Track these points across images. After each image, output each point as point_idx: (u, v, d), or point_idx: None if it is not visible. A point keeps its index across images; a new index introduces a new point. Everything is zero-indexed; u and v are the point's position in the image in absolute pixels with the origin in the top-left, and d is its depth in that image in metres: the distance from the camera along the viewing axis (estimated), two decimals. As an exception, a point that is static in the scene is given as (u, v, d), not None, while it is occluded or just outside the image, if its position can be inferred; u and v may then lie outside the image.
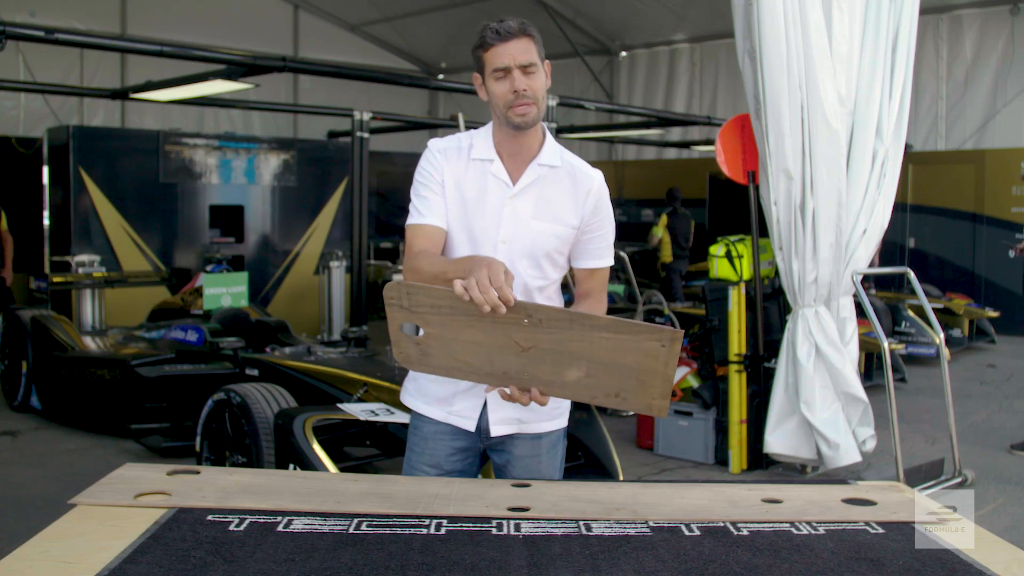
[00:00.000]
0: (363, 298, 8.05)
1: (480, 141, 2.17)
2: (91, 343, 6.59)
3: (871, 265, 5.53)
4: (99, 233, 8.93)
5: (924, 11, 5.95)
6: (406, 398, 2.30)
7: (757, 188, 5.40)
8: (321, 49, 15.67)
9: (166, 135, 9.48)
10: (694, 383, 5.71)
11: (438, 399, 2.21)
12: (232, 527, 1.58)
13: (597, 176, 2.20)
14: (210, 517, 1.62)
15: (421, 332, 1.86)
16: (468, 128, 6.82)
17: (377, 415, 4.06)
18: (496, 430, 2.20)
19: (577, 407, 2.40)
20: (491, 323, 1.77)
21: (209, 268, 8.28)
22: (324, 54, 15.33)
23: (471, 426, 2.20)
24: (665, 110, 13.60)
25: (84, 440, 5.91)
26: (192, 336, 6.13)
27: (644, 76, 15.59)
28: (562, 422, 2.29)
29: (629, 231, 14.54)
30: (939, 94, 12.15)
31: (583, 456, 4.22)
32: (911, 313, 8.72)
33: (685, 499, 1.81)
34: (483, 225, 2.12)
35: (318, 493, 1.77)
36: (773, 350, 5.44)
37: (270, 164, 10.15)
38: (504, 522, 1.65)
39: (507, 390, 1.87)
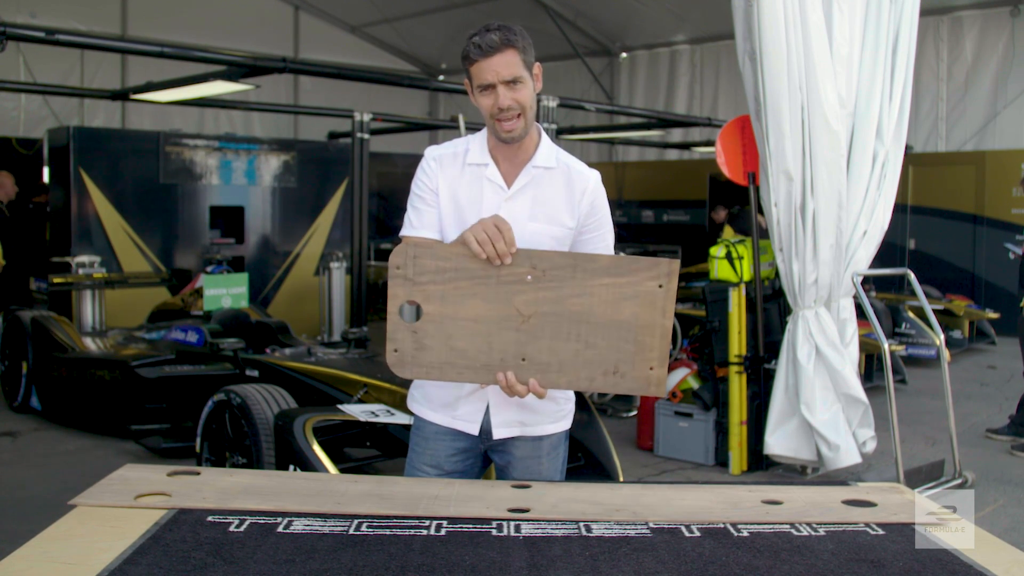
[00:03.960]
0: (363, 299, 8.05)
1: (476, 146, 2.18)
2: (91, 344, 6.58)
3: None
4: (99, 234, 8.94)
5: (924, 13, 5.95)
6: (412, 404, 2.32)
7: (757, 189, 5.40)
8: (321, 50, 15.68)
9: (166, 136, 9.48)
10: (694, 384, 5.71)
11: (442, 404, 2.22)
12: (232, 528, 1.58)
13: (593, 176, 2.20)
14: (210, 518, 1.62)
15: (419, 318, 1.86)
16: (468, 129, 6.84)
17: (377, 416, 4.06)
18: (498, 432, 2.20)
19: (578, 408, 2.40)
20: (495, 284, 1.78)
21: (209, 269, 8.27)
22: (324, 55, 15.33)
23: (475, 430, 2.21)
24: (666, 111, 13.60)
25: (84, 441, 5.91)
26: (192, 337, 6.12)
27: (644, 77, 15.59)
28: (564, 425, 2.29)
29: (630, 232, 14.54)
30: (939, 95, 12.15)
31: (583, 457, 4.21)
32: (911, 314, 8.72)
33: (685, 500, 1.81)
34: None
35: (318, 494, 1.77)
36: (773, 351, 5.43)
37: (270, 165, 10.15)
38: (504, 523, 1.65)
39: (503, 378, 1.88)
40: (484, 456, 2.28)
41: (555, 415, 2.26)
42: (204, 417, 4.60)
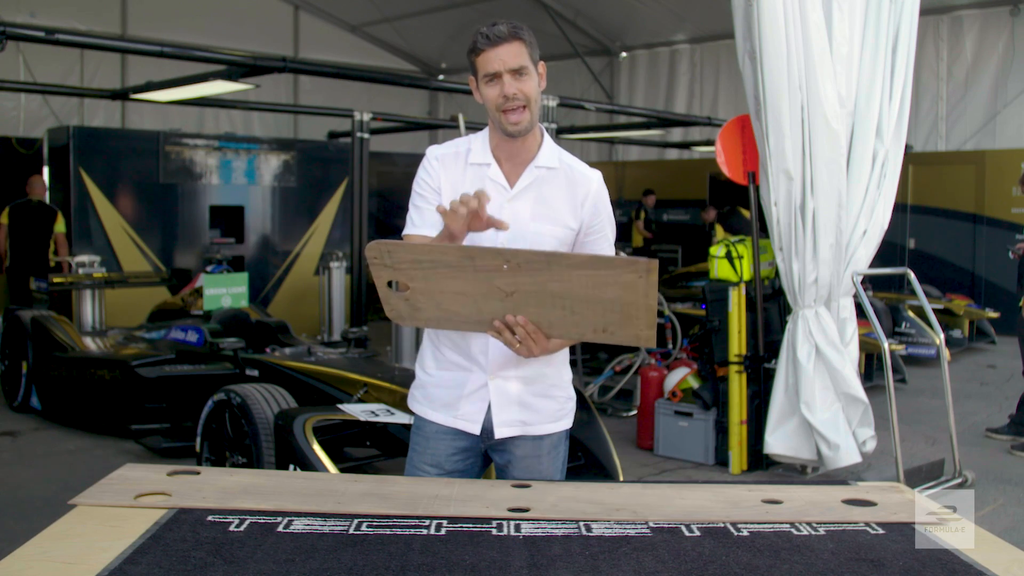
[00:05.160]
0: (363, 299, 8.06)
1: (478, 145, 2.18)
2: (91, 343, 6.58)
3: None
4: (99, 233, 8.94)
5: (924, 12, 5.95)
6: (413, 404, 2.31)
7: (757, 189, 5.40)
8: (321, 50, 15.68)
9: (166, 136, 9.49)
10: (694, 384, 5.71)
11: (444, 404, 2.22)
12: (232, 528, 1.58)
13: (595, 177, 2.20)
14: (210, 518, 1.62)
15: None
16: (468, 129, 6.84)
17: (377, 416, 4.06)
18: (500, 432, 2.20)
19: (578, 407, 2.40)
20: (472, 272, 1.81)
21: (209, 269, 8.28)
22: (324, 55, 15.33)
23: (476, 429, 2.21)
24: (665, 111, 13.60)
25: (84, 441, 5.91)
26: (192, 337, 6.12)
27: (644, 77, 15.59)
28: (565, 424, 2.30)
29: (629, 232, 14.53)
30: (939, 95, 12.15)
31: (583, 457, 4.22)
32: (911, 314, 8.72)
33: (685, 500, 1.81)
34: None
35: (318, 494, 1.77)
36: (773, 351, 5.43)
37: (270, 165, 10.15)
38: (504, 523, 1.65)
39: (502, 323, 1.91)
40: (484, 455, 2.28)
41: (556, 414, 2.26)
42: (204, 417, 4.60)
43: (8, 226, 8.74)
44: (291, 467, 3.82)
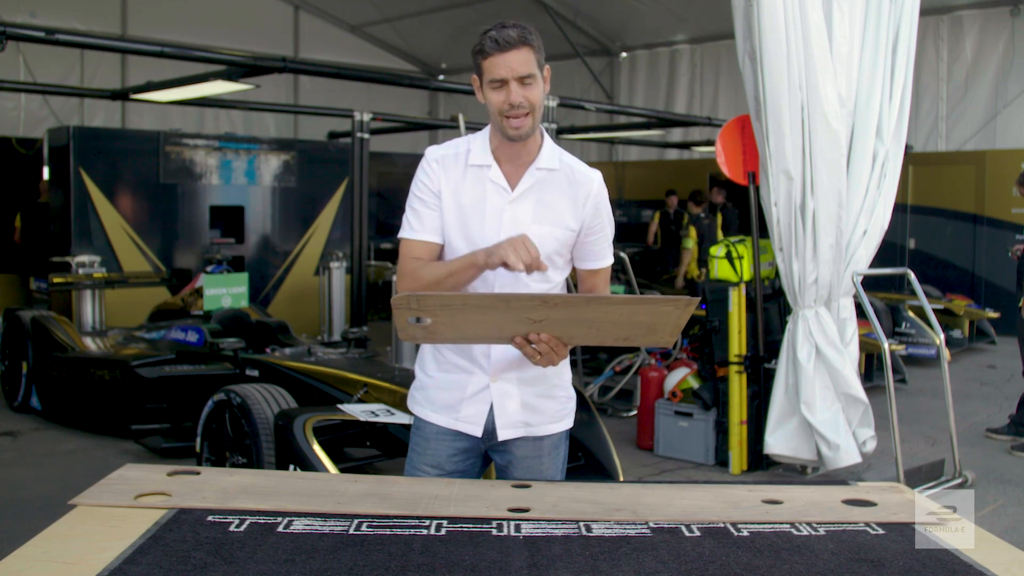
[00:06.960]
0: (363, 299, 8.05)
1: (478, 146, 2.16)
2: (91, 344, 6.58)
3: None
4: (99, 234, 8.93)
5: (924, 12, 5.95)
6: (413, 405, 2.30)
7: (757, 189, 5.40)
8: (321, 50, 15.68)
9: (166, 136, 9.48)
10: (694, 384, 5.71)
11: (445, 406, 2.21)
12: (232, 528, 1.58)
13: (596, 177, 2.20)
14: (210, 518, 1.62)
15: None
16: (468, 129, 6.84)
17: (377, 416, 4.06)
18: (503, 434, 2.20)
19: (578, 408, 2.40)
20: (504, 311, 1.80)
21: (209, 269, 8.27)
22: (324, 55, 15.33)
23: (478, 431, 2.20)
24: (666, 111, 13.59)
25: (84, 441, 5.91)
26: (192, 337, 6.13)
27: (644, 77, 15.59)
28: (566, 424, 2.30)
29: (630, 232, 14.52)
30: (939, 95, 12.15)
31: (583, 457, 4.21)
32: (911, 314, 8.72)
33: (685, 500, 1.81)
34: (482, 231, 2.11)
35: (318, 494, 1.77)
36: (773, 351, 5.43)
37: (270, 165, 10.14)
38: (504, 523, 1.65)
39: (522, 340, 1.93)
40: (484, 455, 2.28)
41: (557, 414, 2.26)
42: (204, 417, 4.60)
43: (21, 228, 8.82)
44: (291, 467, 3.82)
